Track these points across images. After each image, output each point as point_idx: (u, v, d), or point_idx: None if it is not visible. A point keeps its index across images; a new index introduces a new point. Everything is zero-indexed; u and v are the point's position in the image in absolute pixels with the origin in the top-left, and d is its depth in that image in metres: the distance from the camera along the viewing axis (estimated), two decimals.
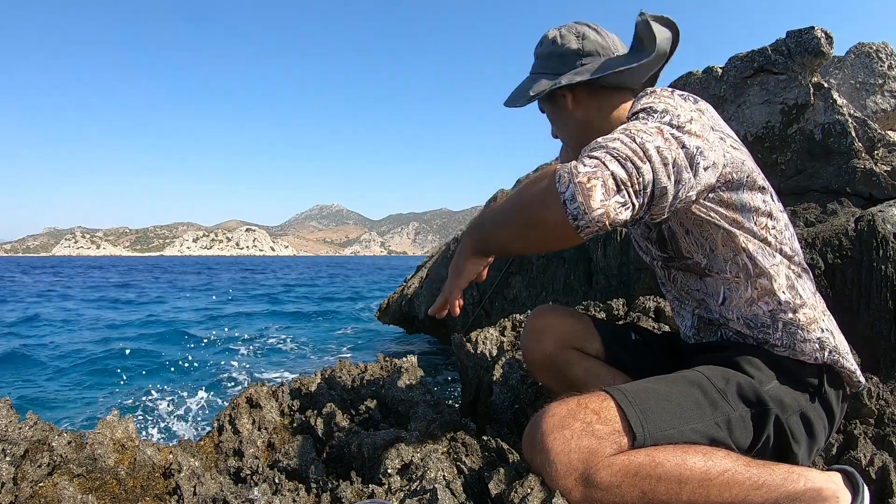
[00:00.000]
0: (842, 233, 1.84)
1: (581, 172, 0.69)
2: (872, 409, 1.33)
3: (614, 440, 0.77)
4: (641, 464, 0.75)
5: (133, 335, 8.97)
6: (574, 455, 0.76)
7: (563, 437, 0.77)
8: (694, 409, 0.82)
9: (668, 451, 0.77)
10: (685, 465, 0.76)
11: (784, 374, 0.90)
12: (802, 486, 0.80)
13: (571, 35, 1.01)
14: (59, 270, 41.24)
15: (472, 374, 1.82)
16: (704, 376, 0.87)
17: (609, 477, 0.75)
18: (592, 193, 0.68)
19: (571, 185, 0.69)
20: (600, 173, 0.69)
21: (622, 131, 0.77)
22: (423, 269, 7.31)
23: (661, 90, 0.91)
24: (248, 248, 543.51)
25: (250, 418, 1.44)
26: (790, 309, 0.92)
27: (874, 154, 2.29)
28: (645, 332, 1.23)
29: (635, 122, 0.81)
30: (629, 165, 0.71)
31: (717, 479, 0.76)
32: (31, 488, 1.01)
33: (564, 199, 0.69)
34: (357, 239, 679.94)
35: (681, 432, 0.79)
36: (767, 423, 0.84)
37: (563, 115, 1.07)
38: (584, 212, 0.68)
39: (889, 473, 1.06)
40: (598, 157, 0.72)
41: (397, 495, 0.99)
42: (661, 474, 0.75)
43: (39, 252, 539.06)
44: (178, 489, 1.11)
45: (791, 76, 2.42)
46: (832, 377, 0.92)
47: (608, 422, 0.78)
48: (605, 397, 0.81)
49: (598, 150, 0.73)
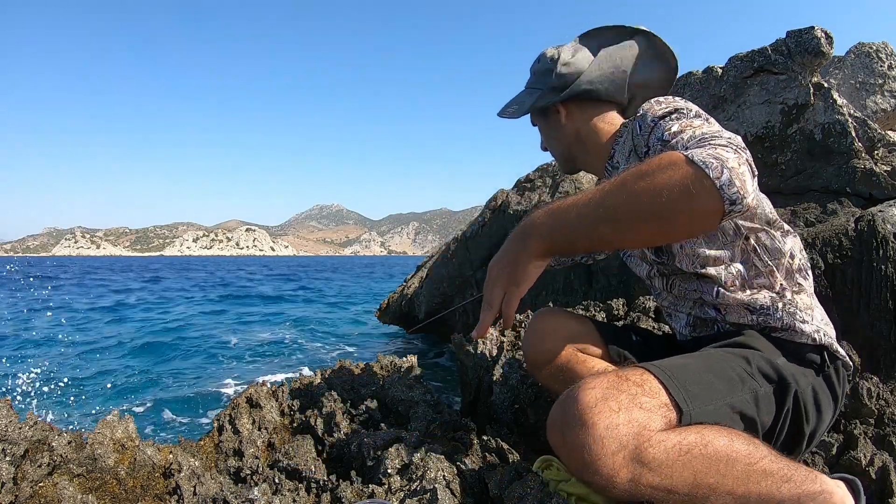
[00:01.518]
0: (842, 233, 1.84)
1: (729, 158, 0.68)
2: (872, 409, 1.33)
3: (663, 414, 0.72)
4: (693, 442, 0.70)
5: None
6: (624, 429, 0.68)
7: (609, 408, 0.69)
8: (725, 385, 0.80)
9: (716, 431, 0.73)
10: (733, 447, 0.72)
11: (787, 354, 0.90)
12: (819, 487, 0.80)
13: (566, 54, 1.08)
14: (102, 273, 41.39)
15: (472, 374, 1.82)
16: (726, 354, 0.87)
17: (662, 454, 0.68)
18: (746, 178, 0.68)
19: (726, 171, 0.67)
20: (742, 158, 0.70)
21: (689, 126, 0.83)
22: (423, 269, 7.31)
23: (658, 97, 0.98)
24: (248, 248, 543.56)
25: (250, 418, 1.44)
26: (791, 291, 0.95)
27: (874, 154, 2.29)
28: (645, 333, 1.23)
29: (683, 120, 0.87)
30: (747, 153, 0.73)
31: (757, 465, 0.73)
32: (31, 488, 1.01)
33: (721, 185, 0.66)
34: (357, 239, 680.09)
35: (717, 408, 0.76)
36: (787, 399, 0.84)
37: (556, 128, 1.13)
38: (743, 196, 0.67)
39: (889, 473, 1.06)
40: (723, 144, 0.72)
41: (397, 495, 0.99)
42: (711, 454, 0.70)
43: (39, 252, 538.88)
44: (178, 489, 1.11)
45: (791, 76, 2.42)
46: (831, 356, 0.93)
47: (653, 394, 0.73)
48: (643, 371, 0.77)
49: (717, 140, 0.74)
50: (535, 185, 5.43)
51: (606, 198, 0.73)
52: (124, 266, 68.58)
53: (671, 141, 0.84)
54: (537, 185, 5.41)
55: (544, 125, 1.16)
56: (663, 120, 0.90)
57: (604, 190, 0.74)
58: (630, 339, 1.20)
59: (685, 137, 0.81)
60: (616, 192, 0.73)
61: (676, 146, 0.81)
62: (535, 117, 1.18)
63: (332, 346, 8.15)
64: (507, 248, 0.82)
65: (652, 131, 0.92)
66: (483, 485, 0.98)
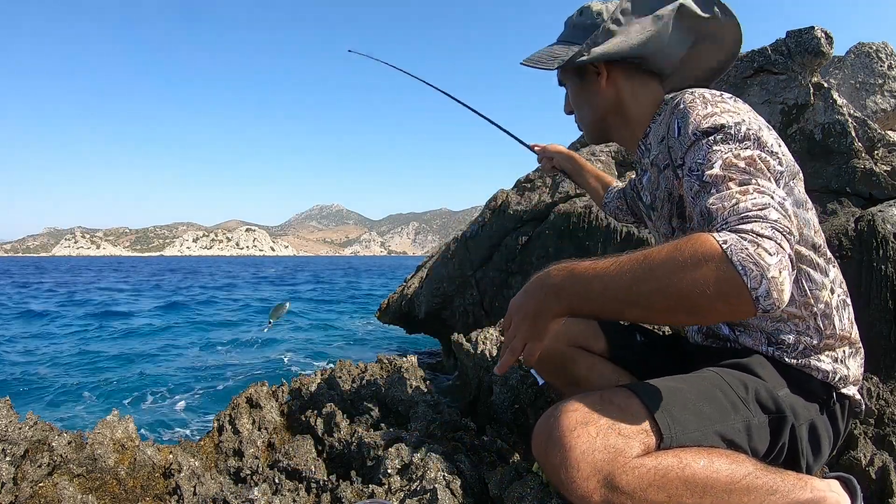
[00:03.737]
0: (842, 233, 1.83)
1: (770, 264, 0.62)
2: (872, 409, 1.33)
3: (641, 440, 0.72)
4: (670, 466, 0.71)
5: None
6: (599, 455, 0.69)
7: (588, 433, 0.70)
8: (716, 412, 0.79)
9: (695, 453, 0.73)
10: (712, 467, 0.72)
11: (794, 384, 0.87)
12: (809, 493, 0.79)
13: (615, 10, 0.93)
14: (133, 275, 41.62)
15: (472, 374, 1.82)
16: (723, 379, 0.84)
17: (636, 480, 0.69)
18: (784, 287, 0.63)
19: (765, 282, 0.62)
20: (784, 260, 0.64)
21: (732, 170, 0.73)
22: (423, 269, 7.31)
23: (704, 91, 0.86)
24: (248, 248, 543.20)
25: (250, 418, 1.44)
26: (818, 336, 0.88)
27: (874, 154, 2.29)
28: (649, 333, 1.22)
29: (728, 154, 0.76)
30: (792, 240, 0.66)
31: (740, 482, 0.73)
32: (31, 488, 1.00)
33: (757, 296, 0.63)
34: (357, 239, 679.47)
35: (704, 435, 0.76)
36: (784, 431, 0.82)
37: (592, 92, 1.00)
38: (777, 307, 0.64)
39: (889, 473, 1.06)
40: (767, 235, 0.65)
41: (397, 495, 0.99)
42: (689, 477, 0.71)
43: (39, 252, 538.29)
44: (178, 489, 1.11)
45: (791, 76, 2.42)
46: (840, 394, 0.90)
47: (635, 420, 0.73)
48: (629, 394, 0.76)
49: (762, 222, 0.66)
50: (535, 185, 5.42)
51: (635, 284, 0.69)
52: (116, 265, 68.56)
53: (710, 196, 0.74)
54: (537, 185, 5.41)
55: (578, 87, 1.02)
56: (706, 140, 0.80)
57: (633, 271, 0.69)
58: (634, 337, 1.18)
59: (726, 206, 0.70)
60: (646, 279, 0.69)
61: (714, 216, 0.71)
62: (568, 76, 1.03)
63: (332, 346, 8.15)
64: (529, 297, 0.80)
65: (691, 148, 0.82)
66: (483, 485, 0.97)
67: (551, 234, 4.79)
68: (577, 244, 4.36)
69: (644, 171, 1.05)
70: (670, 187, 0.94)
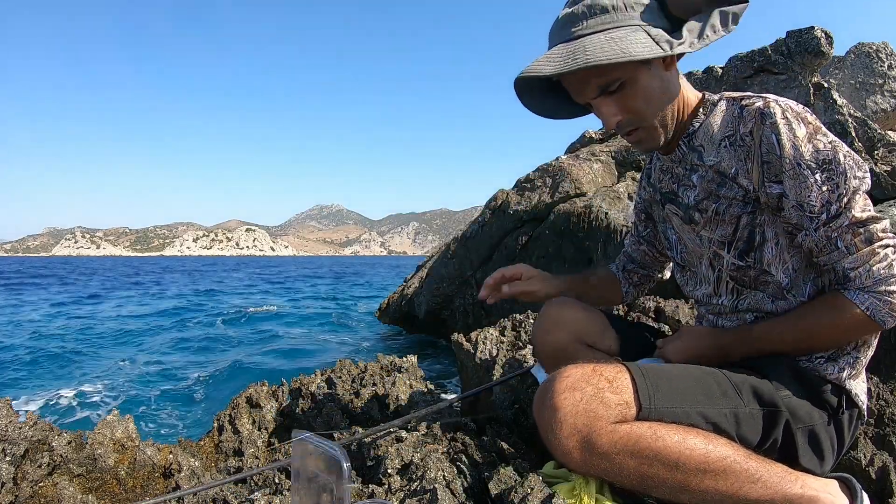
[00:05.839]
0: None
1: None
2: (872, 409, 1.33)
3: (621, 410, 0.77)
4: (642, 435, 0.76)
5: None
6: (580, 418, 0.76)
7: (573, 398, 0.78)
8: (703, 395, 0.81)
9: (670, 428, 0.77)
10: (685, 443, 0.75)
11: (804, 387, 0.87)
12: (799, 489, 0.78)
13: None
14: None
15: (472, 374, 1.82)
16: (722, 371, 0.87)
17: (609, 444, 0.76)
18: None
19: (891, 320, 0.80)
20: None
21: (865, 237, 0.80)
22: (423, 269, 7.31)
23: (791, 103, 0.82)
24: (248, 248, 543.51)
25: (250, 418, 1.44)
26: (843, 354, 0.90)
27: (874, 154, 2.29)
28: (656, 334, 1.21)
29: (843, 198, 0.79)
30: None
31: (715, 464, 0.75)
32: (31, 488, 1.01)
33: (886, 327, 0.81)
34: (357, 239, 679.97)
35: (686, 413, 0.79)
36: (777, 426, 0.83)
37: (661, 78, 0.85)
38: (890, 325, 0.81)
39: (889, 473, 1.06)
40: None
41: (397, 495, 0.99)
42: (660, 449, 0.75)
43: (39, 252, 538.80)
44: (178, 489, 1.11)
45: (791, 76, 2.42)
46: (849, 400, 0.90)
47: (619, 391, 0.78)
48: (621, 369, 0.82)
49: (891, 280, 0.79)
50: (535, 185, 5.43)
51: (797, 349, 0.88)
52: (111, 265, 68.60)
53: (842, 258, 0.81)
54: (537, 185, 5.41)
55: (647, 76, 0.83)
56: (814, 178, 0.79)
57: (795, 343, 0.87)
58: (643, 338, 1.18)
59: (861, 274, 0.80)
60: (809, 346, 0.88)
61: (852, 280, 0.81)
62: (630, 68, 0.81)
63: (332, 345, 8.15)
64: (700, 352, 0.96)
65: (797, 180, 0.80)
66: (483, 485, 0.97)
67: (551, 234, 4.79)
68: (576, 244, 4.35)
69: (688, 170, 0.96)
70: (734, 194, 0.89)
